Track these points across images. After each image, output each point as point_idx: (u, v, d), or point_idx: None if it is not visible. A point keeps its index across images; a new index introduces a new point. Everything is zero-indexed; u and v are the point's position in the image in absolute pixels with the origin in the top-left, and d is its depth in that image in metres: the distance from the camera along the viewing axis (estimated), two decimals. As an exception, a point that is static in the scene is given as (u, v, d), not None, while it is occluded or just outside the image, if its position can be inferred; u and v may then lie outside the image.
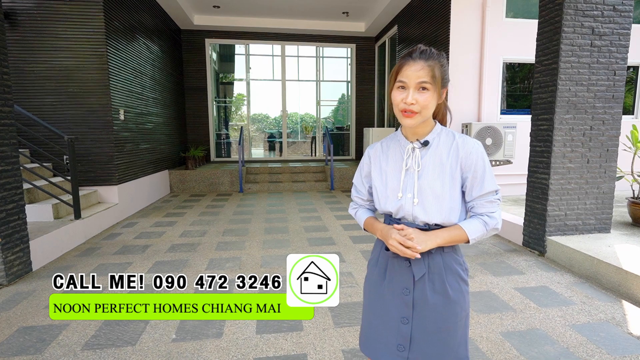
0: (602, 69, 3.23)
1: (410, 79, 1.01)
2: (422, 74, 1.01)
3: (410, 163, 1.10)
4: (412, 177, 1.09)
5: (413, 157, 1.10)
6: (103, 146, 4.59)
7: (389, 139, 1.19)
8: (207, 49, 8.21)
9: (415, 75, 1.01)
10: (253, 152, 9.30)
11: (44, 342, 2.06)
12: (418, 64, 1.01)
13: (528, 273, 2.99)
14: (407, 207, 1.08)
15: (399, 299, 1.09)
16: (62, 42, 4.33)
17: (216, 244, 3.77)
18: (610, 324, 2.22)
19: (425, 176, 1.07)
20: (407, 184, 1.09)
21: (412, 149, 1.10)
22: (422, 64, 1.01)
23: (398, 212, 1.10)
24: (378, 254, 1.18)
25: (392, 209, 1.10)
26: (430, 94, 1.02)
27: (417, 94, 1.01)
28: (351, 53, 8.85)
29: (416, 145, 1.10)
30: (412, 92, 1.01)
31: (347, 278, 2.90)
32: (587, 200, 3.37)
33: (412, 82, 1.01)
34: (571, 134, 3.26)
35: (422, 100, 1.01)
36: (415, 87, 1.01)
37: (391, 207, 1.10)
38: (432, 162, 1.08)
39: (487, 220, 1.07)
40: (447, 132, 1.12)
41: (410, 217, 1.08)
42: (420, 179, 1.08)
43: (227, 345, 2.02)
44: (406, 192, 1.09)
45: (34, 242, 3.11)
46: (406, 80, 1.02)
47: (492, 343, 2.03)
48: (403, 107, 1.03)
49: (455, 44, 5.17)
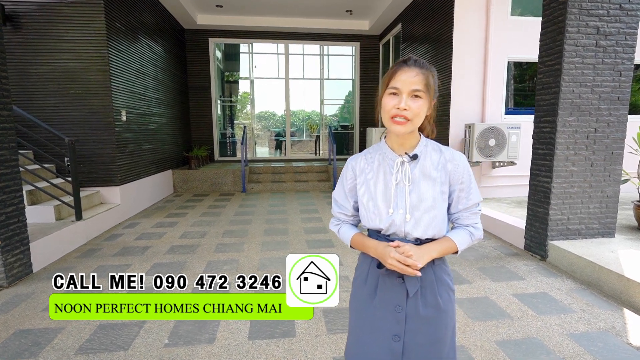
0: (607, 70, 3.15)
1: (404, 84, 1.00)
2: (417, 81, 0.99)
3: (400, 177, 1.07)
4: (403, 192, 1.06)
5: (402, 171, 1.07)
6: (105, 147, 4.62)
7: (373, 150, 1.16)
8: (210, 48, 8.21)
9: (409, 81, 0.99)
10: (258, 150, 9.31)
11: (39, 345, 2.08)
12: (413, 71, 1.00)
13: (528, 278, 2.93)
14: (399, 223, 1.06)
15: (391, 316, 1.07)
16: (64, 44, 4.36)
17: (215, 246, 3.78)
18: (609, 334, 2.17)
19: (417, 191, 1.06)
20: (397, 199, 1.07)
21: (401, 162, 1.08)
22: (417, 71, 1.00)
23: (389, 229, 1.07)
24: (367, 272, 1.14)
25: (383, 226, 1.07)
26: (422, 102, 1.01)
27: (410, 101, 0.99)
28: (355, 51, 8.79)
29: (405, 159, 1.07)
30: (406, 99, 0.99)
31: (343, 282, 2.88)
32: (590, 204, 3.30)
33: (406, 89, 1.00)
34: (575, 137, 3.18)
35: (415, 107, 1.00)
36: (408, 94, 1.00)
37: (382, 223, 1.07)
38: (422, 175, 1.07)
39: (473, 232, 1.10)
40: (432, 144, 1.12)
41: (402, 233, 1.06)
42: (412, 193, 1.06)
43: (218, 352, 2.02)
44: (397, 207, 1.06)
45: (35, 243, 3.15)
46: (399, 86, 1.00)
47: (485, 352, 2.00)
48: (395, 113, 1.01)
49: (459, 42, 5.08)
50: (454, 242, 1.07)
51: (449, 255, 1.11)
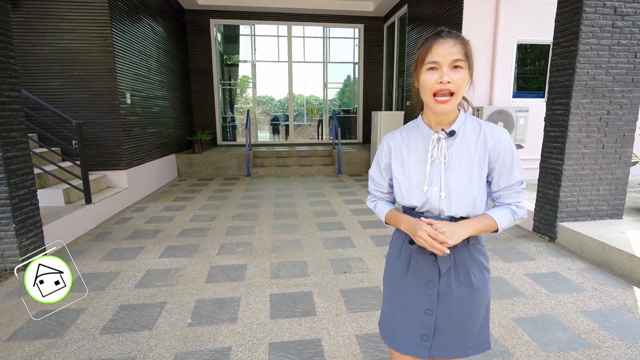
0: (622, 51, 3.12)
1: (443, 57, 0.96)
2: (456, 51, 0.96)
3: (436, 154, 1.05)
4: (439, 170, 1.04)
5: (438, 148, 1.05)
6: (110, 130, 4.57)
7: (409, 127, 1.14)
8: (212, 30, 8.04)
9: (448, 52, 0.95)
10: (259, 135, 9.25)
11: (63, 325, 2.11)
12: (450, 42, 0.96)
13: (538, 259, 2.98)
14: (433, 201, 1.04)
15: (423, 292, 1.08)
16: (66, 24, 4.25)
17: (226, 229, 3.80)
18: (621, 311, 2.23)
19: (453, 168, 1.03)
20: (432, 176, 1.05)
21: (437, 139, 1.05)
22: (454, 41, 0.96)
23: (423, 206, 1.06)
24: (400, 248, 1.14)
25: (418, 203, 1.06)
26: (464, 73, 0.97)
27: (452, 73, 0.96)
28: (359, 34, 8.63)
29: (442, 136, 1.04)
30: (447, 71, 0.96)
31: (357, 263, 2.92)
32: (600, 186, 3.33)
33: (446, 60, 0.96)
34: (587, 119, 3.18)
35: (459, 79, 0.96)
36: (449, 65, 0.96)
37: (416, 201, 1.06)
38: (459, 153, 1.04)
39: (515, 210, 1.07)
40: (472, 120, 1.08)
41: (437, 210, 1.05)
42: (447, 171, 1.03)
43: (242, 330, 2.05)
44: (432, 185, 1.04)
45: (47, 227, 3.14)
46: (439, 60, 0.96)
47: (504, 329, 2.05)
48: (438, 88, 0.97)
49: (469, 25, 5.00)
50: (494, 220, 1.04)
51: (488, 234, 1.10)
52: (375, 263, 2.92)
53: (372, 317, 2.17)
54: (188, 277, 2.71)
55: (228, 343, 1.94)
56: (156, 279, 2.68)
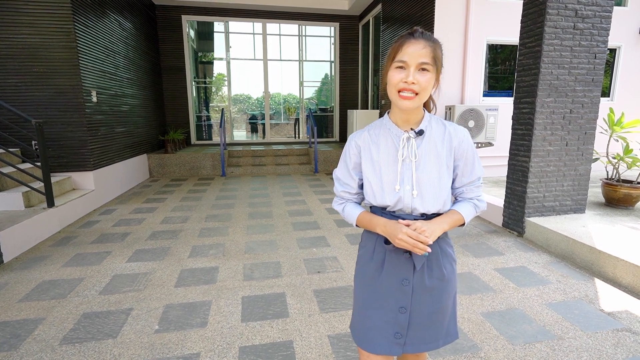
0: (583, 52, 3.25)
1: (411, 57, 0.97)
2: (424, 54, 0.97)
3: (406, 153, 1.07)
4: (409, 168, 1.06)
5: (409, 147, 1.07)
6: (75, 130, 4.36)
7: (376, 126, 1.14)
8: (184, 26, 7.83)
9: (417, 54, 0.96)
10: (235, 134, 9.09)
11: (18, 337, 1.98)
12: (420, 43, 0.97)
13: (507, 254, 3.07)
14: (406, 200, 1.06)
15: (397, 290, 1.09)
16: (24, 17, 4.01)
17: (199, 231, 3.70)
18: (583, 302, 2.32)
19: (423, 167, 1.06)
20: (404, 175, 1.06)
21: (407, 138, 1.07)
22: (425, 43, 0.97)
23: (396, 205, 1.07)
24: (373, 249, 1.14)
25: (390, 202, 1.07)
26: (430, 76, 0.99)
27: (417, 75, 0.97)
28: (335, 32, 8.64)
29: (411, 135, 1.07)
30: (413, 72, 0.97)
31: (332, 263, 2.91)
32: (564, 182, 3.46)
33: (414, 62, 0.97)
34: (552, 117, 3.30)
35: (423, 81, 0.98)
36: (416, 67, 0.97)
37: (389, 200, 1.07)
38: (428, 151, 1.07)
39: (477, 204, 1.15)
40: (436, 120, 1.12)
41: (409, 209, 1.07)
42: (418, 169, 1.06)
43: (211, 335, 2.00)
44: (404, 183, 1.06)
45: (4, 232, 2.96)
46: (407, 60, 0.97)
47: (473, 323, 2.09)
48: (402, 87, 0.98)
49: (440, 24, 5.09)
50: (461, 215, 1.09)
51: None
52: (350, 262, 2.92)
53: (345, 317, 2.16)
54: (157, 282, 2.61)
55: (197, 349, 1.88)
56: (123, 285, 2.57)
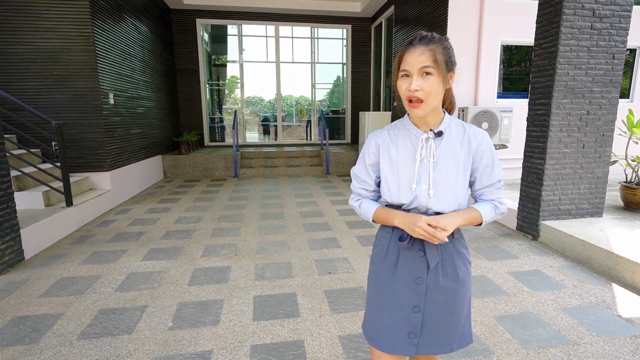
0: (601, 53, 3.19)
1: (412, 65, 0.99)
2: (424, 59, 0.98)
3: (425, 153, 1.08)
4: (427, 168, 1.08)
5: (427, 148, 1.09)
6: (93, 131, 4.48)
7: (396, 126, 1.16)
8: (198, 30, 7.96)
9: (416, 61, 0.99)
10: (248, 136, 9.18)
11: (38, 331, 2.05)
12: (418, 50, 0.99)
13: (521, 257, 3.02)
14: (421, 199, 1.08)
15: (411, 289, 1.10)
16: (45, 22, 4.15)
17: (212, 231, 3.76)
18: (600, 307, 2.27)
19: (440, 167, 1.08)
20: (421, 174, 1.08)
21: (426, 139, 1.09)
22: (423, 49, 0.99)
23: (411, 204, 1.09)
24: (387, 247, 1.15)
25: (406, 201, 1.09)
26: (434, 78, 0.99)
27: (420, 80, 0.99)
28: (347, 34, 8.65)
29: (430, 136, 1.09)
30: (416, 79, 0.99)
31: (343, 264, 2.91)
32: (581, 185, 3.39)
33: (415, 68, 0.99)
34: (568, 119, 3.24)
35: (427, 86, 0.99)
36: (418, 73, 0.99)
37: (405, 198, 1.09)
38: (446, 152, 1.09)
39: (497, 205, 1.14)
40: (456, 122, 1.13)
41: (424, 208, 1.09)
42: (435, 170, 1.07)
43: (224, 333, 2.03)
44: (420, 183, 1.08)
45: (25, 230, 3.06)
46: (408, 68, 1.00)
47: (485, 327, 2.07)
48: (408, 95, 1.01)
49: (453, 25, 5.05)
50: (480, 213, 1.10)
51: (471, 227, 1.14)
52: (361, 263, 2.92)
53: (356, 318, 2.16)
54: (171, 280, 2.66)
55: (209, 346, 1.91)
56: (138, 282, 2.63)
